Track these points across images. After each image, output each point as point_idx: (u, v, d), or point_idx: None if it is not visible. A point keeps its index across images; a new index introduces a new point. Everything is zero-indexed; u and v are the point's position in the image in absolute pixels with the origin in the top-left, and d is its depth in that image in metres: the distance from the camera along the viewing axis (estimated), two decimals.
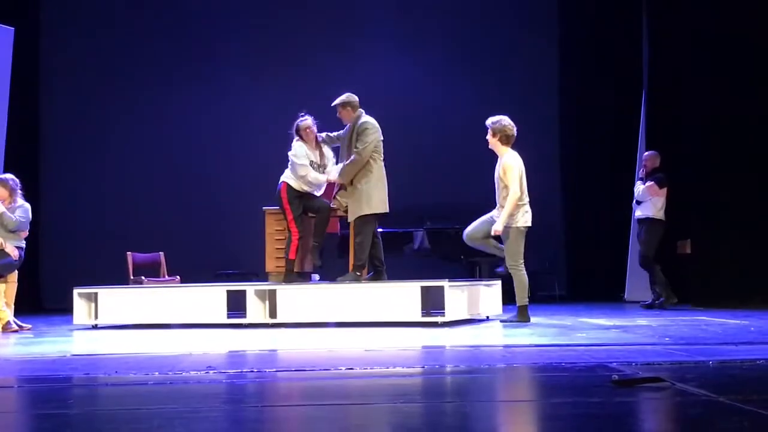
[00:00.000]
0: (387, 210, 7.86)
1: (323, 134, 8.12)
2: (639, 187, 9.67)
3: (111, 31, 13.10)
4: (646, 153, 9.90)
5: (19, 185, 8.23)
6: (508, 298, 10.15)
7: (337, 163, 8.15)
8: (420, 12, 13.02)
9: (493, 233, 7.44)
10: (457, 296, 7.41)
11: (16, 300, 8.23)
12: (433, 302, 7.40)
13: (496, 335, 6.70)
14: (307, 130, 8.01)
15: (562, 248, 12.61)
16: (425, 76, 8.07)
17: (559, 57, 12.81)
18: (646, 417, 3.11)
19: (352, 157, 7.70)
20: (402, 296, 7.35)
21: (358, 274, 7.74)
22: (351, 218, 7.84)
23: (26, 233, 8.26)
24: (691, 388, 3.40)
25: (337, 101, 7.85)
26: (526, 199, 7.48)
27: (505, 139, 7.51)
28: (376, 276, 7.92)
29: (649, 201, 9.54)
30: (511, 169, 7.39)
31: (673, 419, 2.94)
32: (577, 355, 4.71)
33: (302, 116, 8.08)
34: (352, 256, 7.91)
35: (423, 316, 7.27)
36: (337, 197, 8.03)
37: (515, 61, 12.83)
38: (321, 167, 8.09)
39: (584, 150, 12.38)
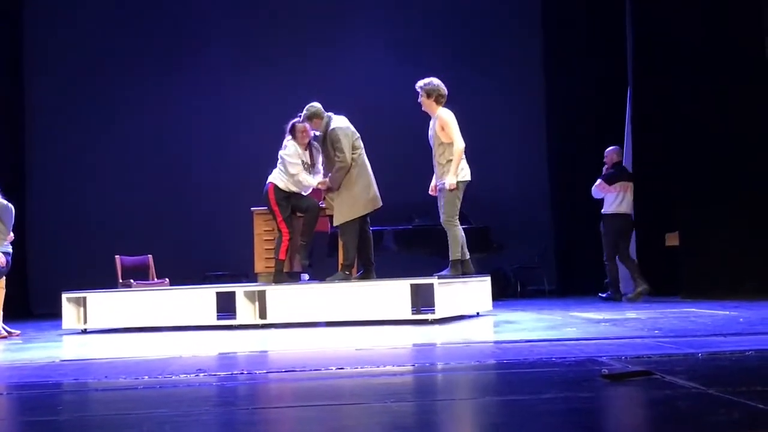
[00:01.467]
0: (372, 209, 7.86)
1: (314, 133, 8.11)
2: (596, 184, 9.84)
3: (98, 30, 13.07)
4: (607, 149, 9.99)
5: None
6: (501, 293, 10.22)
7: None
8: (408, 9, 13.03)
9: (448, 188, 7.45)
10: (447, 293, 7.41)
11: (4, 306, 8.18)
12: (423, 300, 7.40)
13: (486, 331, 6.71)
14: (303, 132, 8.00)
15: (551, 243, 12.65)
16: (413, 73, 8.12)
17: (544, 53, 12.84)
18: (636, 411, 3.11)
19: (336, 167, 7.70)
20: (392, 294, 7.34)
21: (347, 273, 7.75)
22: (335, 222, 7.86)
23: (12, 237, 8.21)
24: (680, 381, 3.41)
25: (301, 117, 7.84)
26: (463, 155, 7.56)
27: (441, 99, 7.59)
28: (366, 274, 7.93)
29: (605, 197, 9.73)
30: (448, 123, 7.47)
31: (663, 412, 2.95)
32: (567, 349, 4.72)
33: (299, 116, 8.06)
34: (340, 256, 7.94)
35: (413, 313, 7.26)
36: (327, 198, 8.03)
37: (501, 56, 12.88)
38: (311, 167, 8.08)
39: (571, 145, 12.41)
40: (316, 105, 7.87)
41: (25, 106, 13.01)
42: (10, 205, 8.20)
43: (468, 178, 7.61)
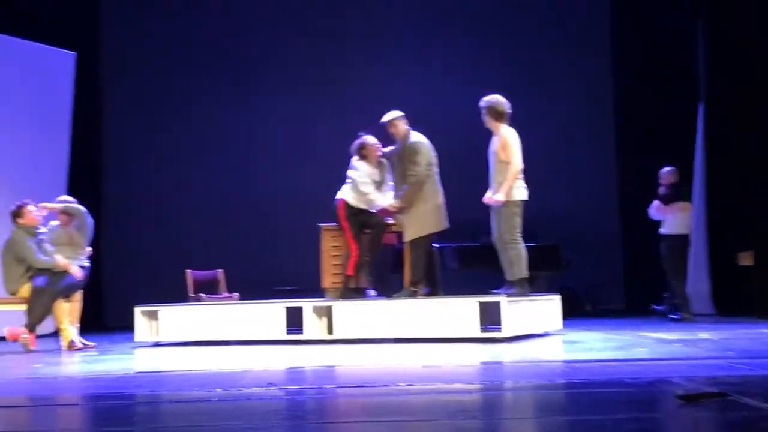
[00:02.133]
0: (442, 228, 7.88)
1: (386, 149, 8.17)
2: (656, 206, 9.85)
3: (169, 54, 13.35)
4: (662, 170, 9.97)
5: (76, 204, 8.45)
6: (568, 312, 10.11)
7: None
8: (473, 26, 13.04)
9: (493, 203, 7.47)
10: (515, 311, 7.37)
11: (79, 319, 8.40)
12: (491, 317, 7.36)
13: (555, 350, 6.65)
14: (372, 148, 8.06)
15: (620, 260, 12.47)
16: (478, 91, 8.12)
17: (614, 67, 12.71)
18: None
19: (408, 180, 7.73)
20: (459, 312, 7.33)
21: (414, 290, 7.76)
22: (407, 238, 7.87)
23: (90, 251, 8.43)
24: (756, 403, 3.34)
25: (385, 118, 7.91)
26: (522, 175, 7.54)
27: (498, 116, 7.55)
28: (432, 293, 7.93)
29: (664, 218, 9.71)
30: (509, 143, 7.44)
31: None
32: (638, 370, 4.66)
33: (362, 135, 8.12)
34: (407, 273, 7.95)
35: (481, 331, 7.24)
36: (396, 215, 8.06)
37: (570, 72, 12.78)
38: (381, 185, 8.13)
39: (642, 161, 12.21)
40: (401, 113, 7.95)
41: (102, 122, 13.33)
42: (90, 219, 8.44)
43: (525, 197, 7.57)
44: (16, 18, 11.43)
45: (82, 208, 8.44)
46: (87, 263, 8.39)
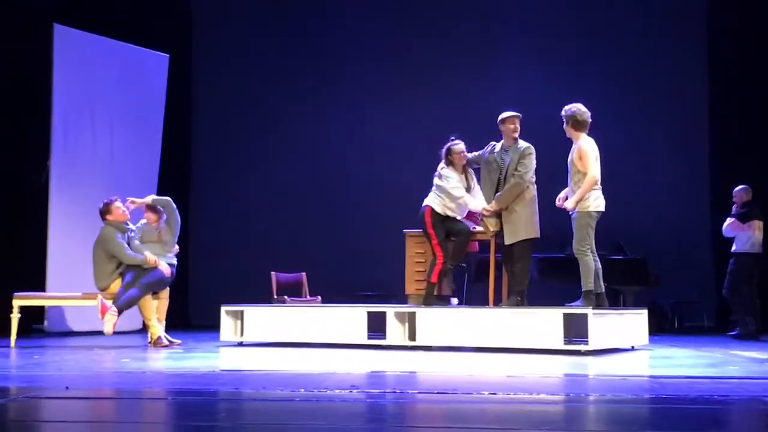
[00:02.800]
0: (539, 236, 7.83)
1: (470, 155, 8.16)
2: (726, 223, 9.81)
3: (259, 57, 13.55)
4: (736, 188, 9.92)
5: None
6: (656, 328, 9.91)
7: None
8: (564, 28, 12.89)
9: (563, 208, 7.46)
10: (601, 324, 7.23)
11: (166, 316, 8.56)
12: (576, 330, 7.25)
13: (641, 365, 6.50)
14: (461, 155, 8.08)
15: (711, 277, 12.13)
16: (566, 96, 8.04)
17: (708, 76, 12.40)
18: None
19: (511, 182, 7.70)
20: (544, 323, 7.23)
21: (519, 298, 7.70)
22: (509, 241, 7.79)
23: (177, 249, 8.60)
24: None
25: (502, 116, 7.86)
26: (600, 185, 7.44)
27: (577, 125, 7.49)
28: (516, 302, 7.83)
29: (737, 236, 9.69)
30: (586, 154, 7.35)
31: None
32: (730, 387, 4.52)
33: (453, 140, 8.14)
34: (505, 281, 7.99)
35: (565, 344, 7.13)
36: (485, 221, 7.99)
37: (662, 80, 12.52)
38: (469, 191, 8.13)
39: (735, 175, 11.89)
40: (516, 113, 7.89)
41: (192, 126, 13.61)
42: (178, 215, 8.62)
43: (601, 208, 7.44)
44: (114, 21, 11.76)
45: (169, 199, 8.61)
46: (175, 261, 8.55)
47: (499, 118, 7.89)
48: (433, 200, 8.10)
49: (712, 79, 12.38)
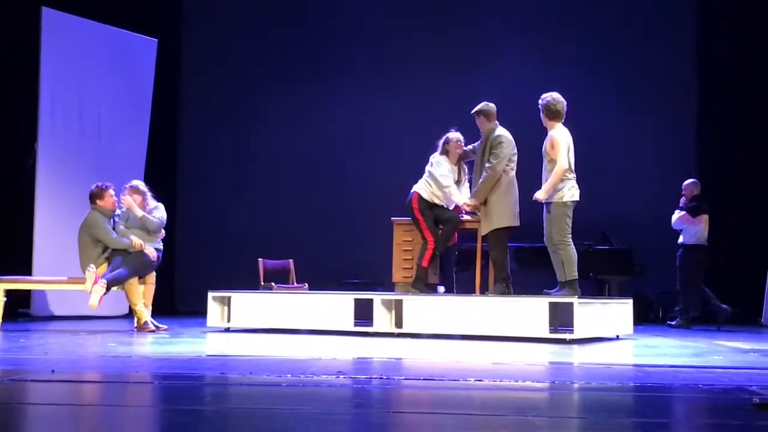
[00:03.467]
0: (517, 224, 7.84)
1: (467, 147, 8.17)
2: (675, 216, 10.02)
3: (249, 43, 13.49)
4: (685, 182, 10.15)
5: (147, 189, 8.53)
6: (641, 318, 9.96)
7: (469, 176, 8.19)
8: (552, 24, 12.90)
9: (534, 199, 7.45)
10: (587, 313, 7.27)
11: (152, 301, 8.54)
12: (561, 319, 7.28)
13: (626, 354, 6.54)
14: (458, 143, 8.10)
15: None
16: (550, 85, 8.09)
17: (695, 58, 12.44)
18: None
19: (484, 174, 7.72)
20: (530, 311, 7.26)
21: (504, 286, 7.72)
22: (483, 231, 7.85)
23: (163, 234, 8.58)
24: None
25: (475, 109, 7.90)
26: (573, 175, 7.47)
27: (551, 114, 7.53)
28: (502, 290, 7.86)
29: (685, 229, 9.93)
30: (558, 142, 7.39)
31: None
32: (714, 377, 4.55)
33: (454, 130, 8.13)
34: (491, 270, 7.95)
35: (551, 332, 7.16)
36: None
37: (650, 72, 12.54)
38: (459, 184, 8.16)
39: (723, 162, 11.96)
40: (491, 105, 7.93)
41: (179, 111, 13.57)
42: (160, 204, 8.56)
43: (576, 198, 7.48)
44: (102, 5, 11.69)
45: (160, 221, 8.49)
46: (161, 246, 8.53)
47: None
48: (421, 186, 8.12)
49: (700, 72, 12.42)
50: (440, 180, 8.03)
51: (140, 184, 8.53)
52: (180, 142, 13.58)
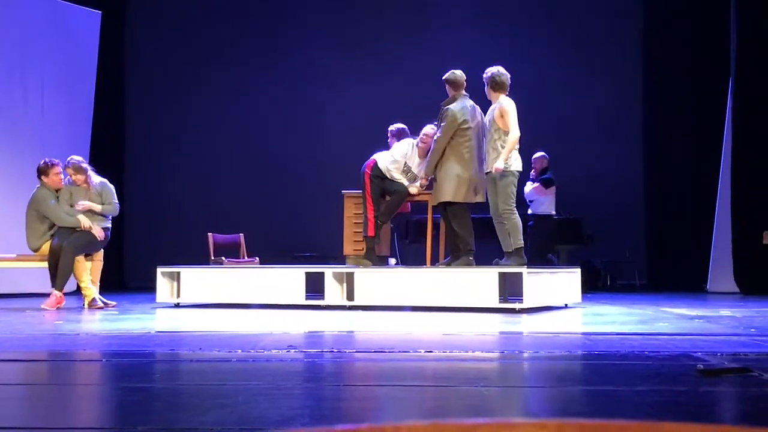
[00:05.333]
0: (472, 200, 7.79)
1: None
2: (528, 187, 10.39)
3: (195, 16, 13.33)
4: (535, 155, 10.49)
5: (87, 163, 8.35)
6: (590, 286, 10.09)
7: None
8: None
9: (494, 171, 7.46)
10: (536, 283, 7.35)
11: (101, 278, 8.45)
12: (511, 289, 7.36)
13: (575, 323, 6.63)
14: (423, 137, 8.08)
15: (643, 237, 12.41)
16: (503, 55, 8.10)
17: (642, 36, 12.57)
18: (732, 406, 3.04)
19: (431, 146, 7.75)
20: (480, 282, 7.32)
21: (469, 258, 7.72)
22: (432, 203, 7.89)
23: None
24: None
25: (444, 76, 7.87)
26: (518, 145, 7.55)
27: (496, 86, 7.61)
28: (454, 260, 7.90)
29: (537, 200, 10.37)
30: (507, 112, 7.46)
31: (761, 409, 2.87)
32: (660, 344, 4.63)
33: (435, 124, 7.98)
34: (442, 242, 8.08)
35: (500, 302, 7.23)
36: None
37: (598, 48, 12.65)
38: (412, 179, 8.14)
39: (668, 135, 12.13)
40: (456, 74, 7.82)
41: (125, 84, 13.36)
42: (103, 179, 8.42)
43: (520, 168, 7.56)
44: None
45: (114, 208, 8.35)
46: (109, 224, 8.41)
47: None
48: (380, 155, 8.14)
49: (645, 41, 12.54)
50: (393, 154, 8.05)
51: (81, 162, 8.31)
52: (126, 117, 13.40)
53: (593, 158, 12.39)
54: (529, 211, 10.32)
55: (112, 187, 8.41)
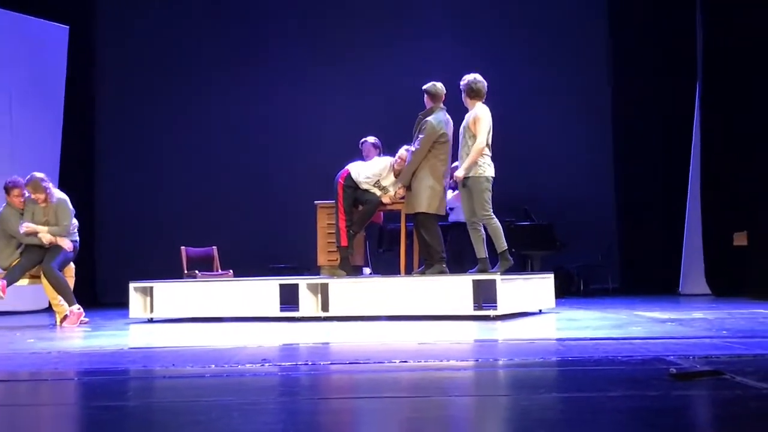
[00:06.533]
0: (442, 213, 7.85)
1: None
2: (450, 195, 10.05)
3: (165, 29, 13.27)
4: (455, 164, 10.21)
5: (47, 179, 8.20)
6: (563, 291, 10.13)
7: None
8: (469, 4, 12.98)
9: (454, 179, 7.53)
10: (510, 289, 7.37)
11: (73, 294, 8.36)
12: (485, 296, 7.37)
13: (549, 329, 6.65)
14: (397, 160, 8.10)
15: (615, 240, 12.49)
16: (475, 66, 8.14)
17: (612, 50, 12.67)
18: (705, 410, 3.06)
19: (407, 159, 7.76)
20: (454, 290, 7.33)
21: (443, 266, 7.73)
22: (406, 211, 7.90)
23: (76, 224, 8.34)
24: (750, 382, 3.34)
25: (424, 87, 7.89)
26: (489, 152, 7.57)
27: (473, 93, 7.65)
28: (427, 268, 7.90)
29: (457, 207, 9.97)
30: (480, 119, 7.50)
31: (733, 412, 2.89)
32: (633, 348, 4.66)
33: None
34: (416, 250, 8.09)
35: (475, 309, 7.24)
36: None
37: (569, 54, 12.74)
38: (382, 189, 8.15)
39: (637, 140, 12.23)
40: (436, 87, 7.84)
41: (95, 97, 13.28)
42: (63, 195, 8.26)
43: (493, 174, 7.58)
44: None
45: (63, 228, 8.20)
46: (77, 237, 8.32)
47: None
48: (355, 165, 8.16)
49: (613, 47, 12.64)
50: (368, 171, 8.07)
51: (41, 180, 8.04)
52: (96, 131, 13.31)
53: (564, 164, 12.46)
54: (451, 218, 10.12)
55: (71, 207, 8.19)
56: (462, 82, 7.69)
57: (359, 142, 8.79)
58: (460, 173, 7.46)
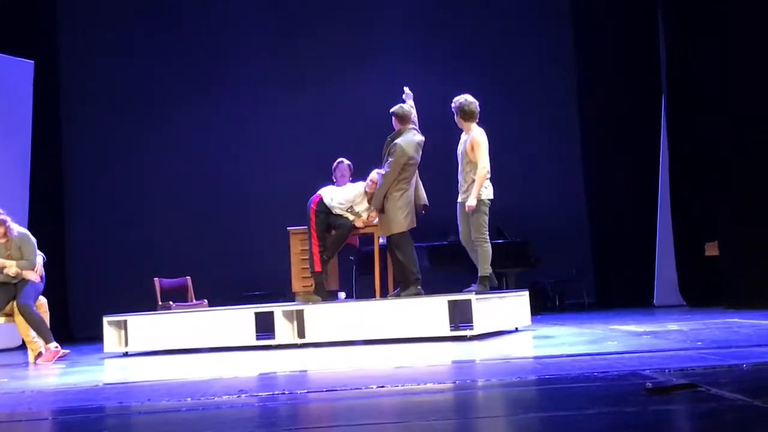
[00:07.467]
0: (413, 225, 7.87)
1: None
2: None
3: (130, 59, 13.23)
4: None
5: (3, 213, 8.09)
6: (539, 308, 10.16)
7: None
8: (438, 27, 13.06)
9: (467, 210, 7.50)
10: (485, 309, 7.38)
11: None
12: (461, 316, 7.37)
13: (526, 347, 6.66)
14: (369, 183, 8.08)
15: (589, 255, 12.54)
16: (447, 90, 8.18)
17: (576, 60, 12.78)
18: (682, 424, 3.07)
19: (378, 182, 7.77)
20: (430, 311, 7.32)
21: (419, 287, 7.72)
22: (380, 234, 7.91)
23: (43, 257, 8.23)
24: (726, 393, 3.36)
25: (391, 110, 7.89)
26: (489, 174, 7.61)
27: (466, 115, 7.64)
28: (403, 290, 7.90)
29: None
30: (479, 144, 7.50)
31: (710, 425, 2.91)
32: (609, 363, 4.67)
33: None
34: (390, 272, 8.10)
35: (452, 330, 7.24)
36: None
37: (535, 72, 12.83)
38: (355, 214, 8.17)
39: (607, 155, 12.32)
40: (404, 109, 7.85)
41: (62, 129, 13.20)
42: (22, 230, 8.16)
43: (491, 196, 7.62)
44: None
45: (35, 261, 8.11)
46: (40, 267, 8.20)
47: None
48: (326, 191, 8.16)
49: (580, 64, 12.74)
50: (341, 197, 8.08)
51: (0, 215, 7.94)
52: (64, 165, 13.22)
53: (535, 180, 12.53)
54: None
55: (33, 240, 8.08)
56: (453, 104, 7.69)
57: (334, 163, 8.75)
58: (471, 202, 7.44)
